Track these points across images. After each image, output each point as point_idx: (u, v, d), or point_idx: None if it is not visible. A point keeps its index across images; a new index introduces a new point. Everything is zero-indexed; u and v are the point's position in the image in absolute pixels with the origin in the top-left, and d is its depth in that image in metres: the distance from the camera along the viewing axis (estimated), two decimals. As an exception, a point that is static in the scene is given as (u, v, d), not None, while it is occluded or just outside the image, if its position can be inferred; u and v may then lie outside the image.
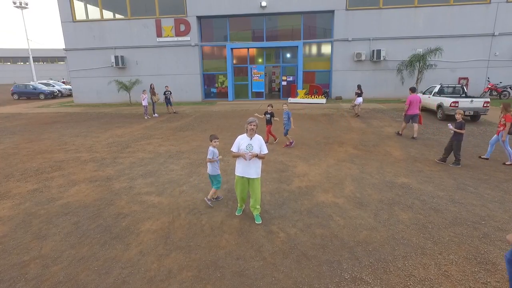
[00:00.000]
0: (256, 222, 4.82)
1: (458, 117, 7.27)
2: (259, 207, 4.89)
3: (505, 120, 7.29)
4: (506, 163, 7.45)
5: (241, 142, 4.61)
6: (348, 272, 3.66)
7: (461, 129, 7.16)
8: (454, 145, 7.31)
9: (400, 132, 10.61)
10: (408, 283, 3.45)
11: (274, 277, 3.59)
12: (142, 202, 5.69)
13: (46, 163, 8.23)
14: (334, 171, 7.08)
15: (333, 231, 4.57)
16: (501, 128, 7.39)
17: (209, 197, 5.48)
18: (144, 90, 15.80)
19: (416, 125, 10.06)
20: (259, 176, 4.74)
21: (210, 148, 5.26)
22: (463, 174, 6.78)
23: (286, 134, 9.31)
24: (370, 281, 3.49)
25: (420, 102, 10.31)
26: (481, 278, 3.50)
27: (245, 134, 4.67)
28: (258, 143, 4.61)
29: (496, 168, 7.16)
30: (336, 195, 5.79)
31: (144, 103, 15.32)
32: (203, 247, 4.22)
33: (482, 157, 7.91)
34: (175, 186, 6.38)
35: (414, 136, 10.05)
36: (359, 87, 14.67)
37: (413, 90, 10.44)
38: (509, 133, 7.34)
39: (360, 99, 14.23)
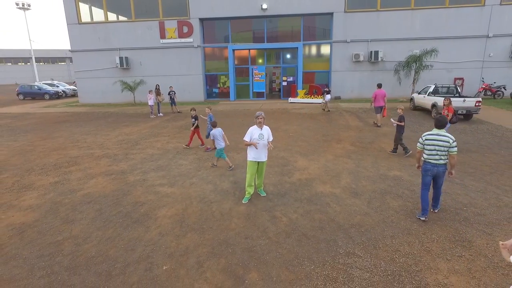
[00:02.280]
0: (262, 195, 5.88)
1: (399, 111, 8.41)
2: (262, 182, 5.98)
3: (448, 111, 8.53)
4: None
5: (253, 132, 5.47)
6: (343, 248, 4.21)
7: (400, 122, 8.31)
8: (396, 136, 8.50)
9: (378, 124, 12.31)
10: (394, 256, 4.00)
11: (278, 252, 4.14)
12: (156, 192, 6.24)
13: (62, 158, 8.78)
14: (332, 165, 7.63)
15: (330, 216, 5.12)
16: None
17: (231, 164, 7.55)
18: (151, 90, 16.39)
19: (379, 115, 12.10)
20: (267, 158, 5.74)
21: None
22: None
23: (207, 137, 9.02)
24: (362, 255, 4.04)
25: (385, 96, 12.06)
26: (457, 252, 4.06)
27: (255, 126, 5.51)
28: (267, 132, 5.54)
29: (482, 163, 7.70)
30: (333, 186, 6.34)
31: (150, 102, 15.95)
32: (215, 229, 4.77)
33: None
34: (185, 179, 6.93)
35: (378, 124, 12.16)
36: (327, 85, 17.00)
37: (379, 86, 12.38)
38: (450, 122, 8.47)
39: (328, 96, 16.16)
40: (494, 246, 4.14)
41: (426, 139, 4.88)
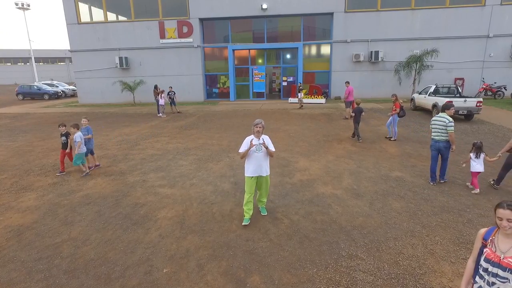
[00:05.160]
0: (262, 214, 5.13)
1: (354, 104, 10.27)
2: (265, 200, 5.17)
3: (395, 107, 9.82)
4: (391, 139, 10.02)
5: (250, 144, 4.65)
6: (345, 250, 4.15)
7: (353, 114, 9.99)
8: (355, 125, 10.01)
9: (347, 117, 13.69)
10: (398, 259, 3.94)
11: (280, 255, 4.08)
12: (156, 193, 6.17)
13: (61, 159, 8.69)
14: (333, 166, 7.57)
15: (332, 217, 5.06)
16: (393, 113, 9.88)
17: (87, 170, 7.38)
18: (162, 90, 16.58)
19: (349, 109, 13.48)
20: (269, 173, 4.91)
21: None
22: (454, 169, 7.26)
23: (91, 153, 7.80)
24: (365, 258, 3.98)
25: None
26: (462, 255, 4.00)
27: (252, 136, 4.74)
28: (266, 142, 4.73)
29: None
30: (335, 187, 6.28)
31: (161, 102, 16.16)
32: (216, 231, 4.71)
33: (386, 137, 10.33)
34: (185, 180, 6.87)
35: (347, 117, 13.68)
36: (300, 84, 18.73)
37: (349, 83, 14.68)
38: (399, 115, 9.90)
39: (300, 94, 17.74)
40: (498, 249, 4.08)
41: (431, 120, 6.34)
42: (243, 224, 4.82)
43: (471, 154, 5.97)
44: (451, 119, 5.96)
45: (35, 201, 5.95)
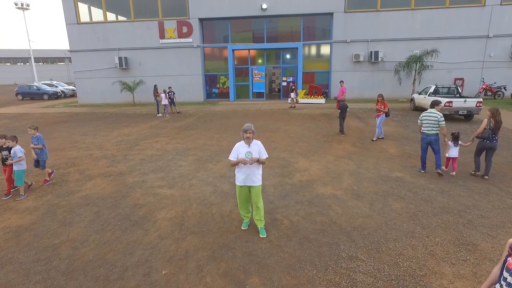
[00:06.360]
0: (261, 236, 4.53)
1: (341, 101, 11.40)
2: (263, 219, 4.65)
3: (384, 107, 10.02)
4: (374, 139, 10.15)
5: (240, 150, 4.38)
6: (345, 251, 4.13)
7: (340, 110, 10.82)
8: (339, 120, 10.96)
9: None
10: (398, 261, 3.92)
11: (280, 256, 4.06)
12: (156, 194, 6.15)
13: (61, 160, 8.69)
14: (333, 167, 7.55)
15: (332, 218, 5.04)
16: (381, 113, 10.02)
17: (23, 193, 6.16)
18: (164, 90, 16.63)
19: None
20: (261, 183, 4.54)
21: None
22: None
23: (43, 167, 6.89)
24: (365, 259, 3.96)
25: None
26: (462, 256, 3.98)
27: (242, 142, 4.43)
28: (257, 149, 4.39)
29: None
30: (334, 188, 6.26)
31: (164, 102, 16.24)
32: (215, 232, 4.69)
33: (379, 138, 10.27)
34: (185, 180, 6.85)
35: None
36: (293, 83, 19.53)
37: (343, 82, 15.53)
38: (386, 115, 10.16)
39: (293, 94, 18.09)
40: (499, 250, 4.07)
41: (422, 116, 6.87)
42: (242, 228, 4.76)
43: (450, 143, 6.91)
44: (441, 114, 6.65)
45: (34, 202, 5.93)
